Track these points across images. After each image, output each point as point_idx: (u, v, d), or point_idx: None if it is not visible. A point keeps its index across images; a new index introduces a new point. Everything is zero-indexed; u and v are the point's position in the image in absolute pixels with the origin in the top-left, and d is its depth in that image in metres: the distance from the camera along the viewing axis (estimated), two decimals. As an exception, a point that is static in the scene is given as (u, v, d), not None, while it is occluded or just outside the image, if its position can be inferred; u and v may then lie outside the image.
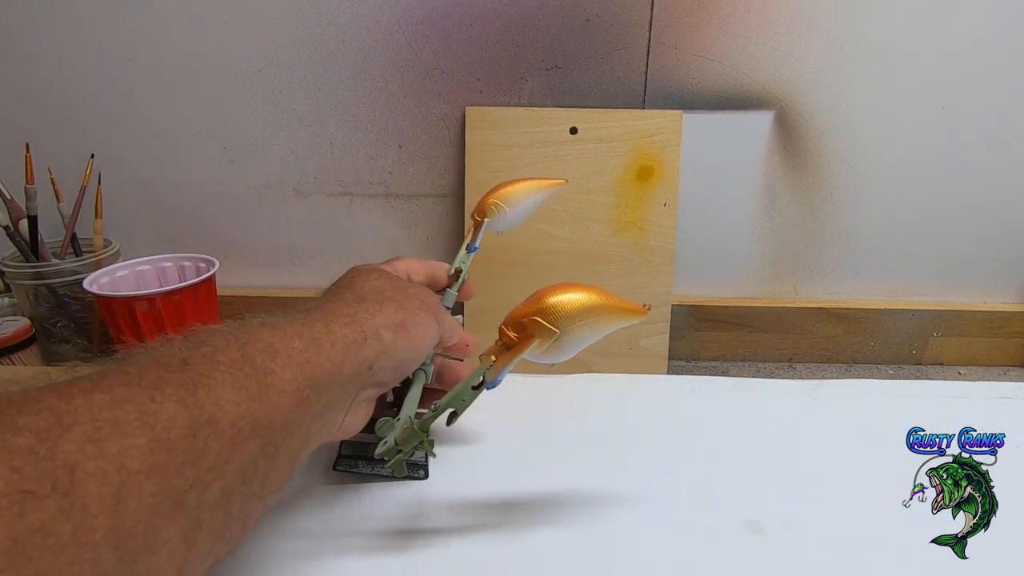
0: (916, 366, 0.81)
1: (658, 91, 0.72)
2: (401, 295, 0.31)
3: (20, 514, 0.15)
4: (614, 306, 0.30)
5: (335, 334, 0.27)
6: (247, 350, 0.23)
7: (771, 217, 0.77)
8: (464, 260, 0.41)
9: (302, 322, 0.27)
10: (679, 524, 0.32)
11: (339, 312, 0.28)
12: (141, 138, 0.75)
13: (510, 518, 0.33)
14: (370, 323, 0.28)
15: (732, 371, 0.80)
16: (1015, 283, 0.79)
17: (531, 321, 0.28)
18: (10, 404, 0.18)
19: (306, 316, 0.28)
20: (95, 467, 0.17)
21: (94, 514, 0.17)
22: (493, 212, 0.42)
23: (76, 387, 0.19)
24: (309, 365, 0.25)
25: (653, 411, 0.43)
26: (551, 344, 0.29)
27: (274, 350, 0.24)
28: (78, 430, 0.17)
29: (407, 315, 0.30)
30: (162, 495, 0.19)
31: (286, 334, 0.25)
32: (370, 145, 0.75)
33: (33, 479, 0.16)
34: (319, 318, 0.28)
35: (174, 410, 0.20)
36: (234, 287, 0.82)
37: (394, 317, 0.30)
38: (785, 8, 0.67)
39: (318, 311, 0.28)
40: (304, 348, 0.25)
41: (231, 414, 0.21)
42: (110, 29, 0.70)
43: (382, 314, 0.29)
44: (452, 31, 0.70)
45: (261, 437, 0.22)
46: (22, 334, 0.68)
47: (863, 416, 0.42)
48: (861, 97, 0.71)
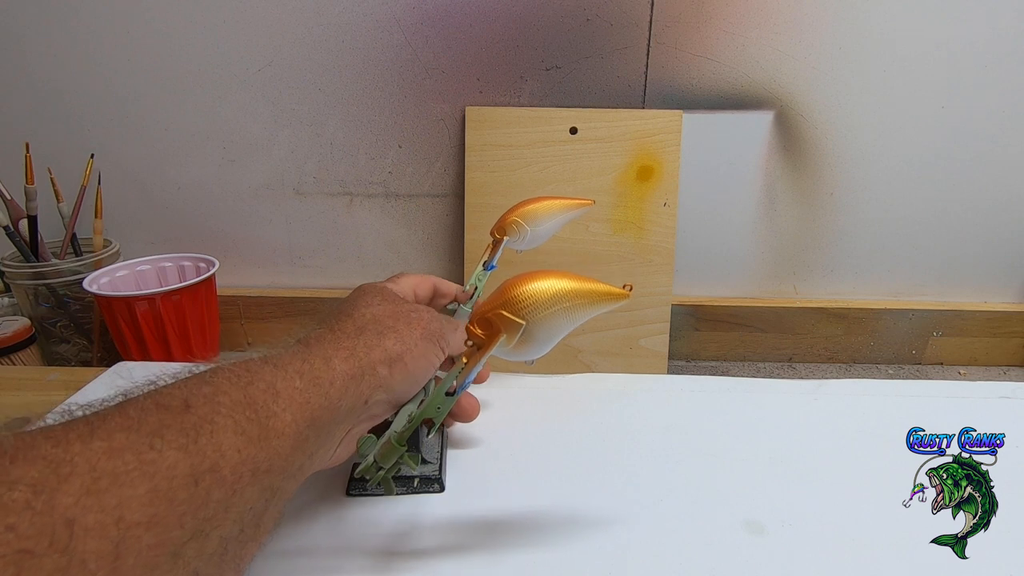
0: (916, 366, 0.81)
1: (658, 91, 0.72)
2: (402, 323, 0.31)
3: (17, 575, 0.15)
4: (589, 290, 0.27)
5: (334, 371, 0.27)
6: (250, 390, 0.23)
7: (771, 217, 0.77)
8: (480, 277, 0.40)
9: (303, 358, 0.26)
10: (679, 524, 0.32)
11: (339, 345, 0.28)
12: (141, 138, 0.75)
13: (510, 518, 0.33)
14: (368, 357, 0.28)
15: (732, 371, 0.80)
16: (1015, 283, 0.79)
17: (496, 315, 0.26)
18: (3, 453, 0.17)
19: (307, 351, 0.27)
20: (94, 521, 0.17)
21: (92, 571, 0.16)
22: (514, 231, 0.40)
23: (73, 433, 0.18)
24: (309, 406, 0.25)
25: (653, 411, 0.43)
26: (520, 337, 0.26)
27: (276, 390, 0.24)
28: (76, 481, 0.17)
29: (405, 348, 0.30)
30: (161, 547, 0.18)
31: (287, 373, 0.25)
32: (370, 145, 0.75)
33: (30, 536, 0.15)
34: (319, 353, 0.27)
35: (175, 458, 0.19)
36: (234, 287, 0.82)
37: (392, 350, 0.29)
38: (785, 8, 0.67)
39: (318, 344, 0.28)
40: (305, 388, 0.25)
41: (232, 460, 0.21)
42: (110, 30, 0.70)
43: (380, 347, 0.29)
44: (452, 31, 0.70)
45: (260, 482, 0.22)
46: (22, 334, 0.68)
47: (863, 416, 0.42)
48: (861, 97, 0.71)
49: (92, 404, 0.21)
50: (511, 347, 0.27)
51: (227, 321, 0.81)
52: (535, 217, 0.41)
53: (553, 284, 0.26)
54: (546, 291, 0.26)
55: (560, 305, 0.26)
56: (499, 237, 0.41)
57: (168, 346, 0.67)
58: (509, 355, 0.28)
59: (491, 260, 0.40)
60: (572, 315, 0.27)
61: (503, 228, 0.40)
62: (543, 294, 0.26)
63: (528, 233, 0.40)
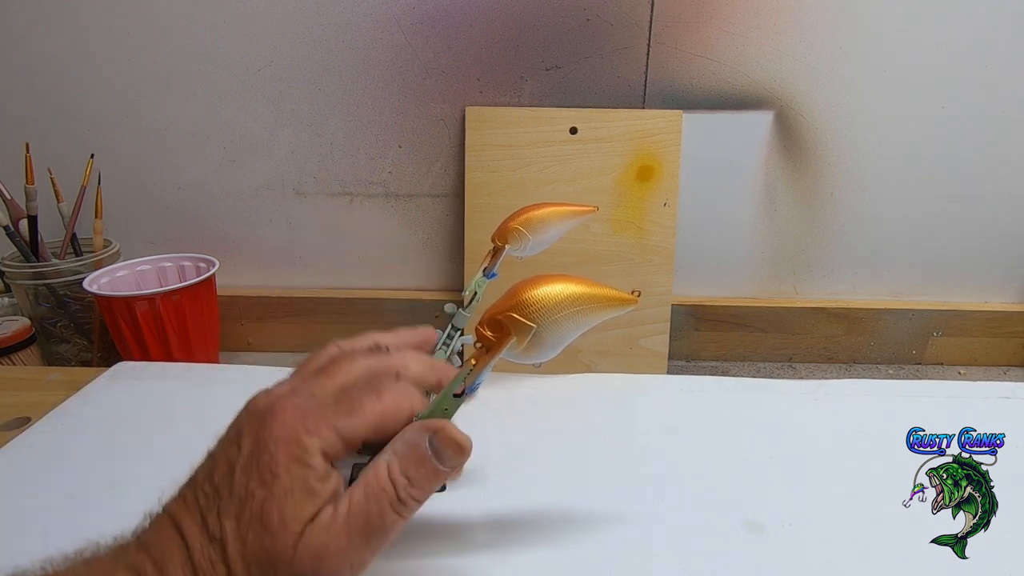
0: (916, 366, 0.81)
1: (658, 91, 0.72)
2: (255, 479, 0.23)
3: None
4: (598, 295, 0.27)
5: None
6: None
7: (771, 217, 0.77)
8: (480, 284, 0.39)
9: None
10: (679, 524, 0.32)
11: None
12: (141, 138, 0.75)
13: (510, 517, 0.33)
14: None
15: (732, 371, 0.80)
16: (1015, 283, 0.79)
17: (507, 317, 0.26)
18: None
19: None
20: None
21: None
22: (515, 239, 0.39)
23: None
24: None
25: (653, 411, 0.43)
26: (530, 340, 0.26)
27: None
28: None
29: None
30: None
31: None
32: (370, 145, 0.75)
33: None
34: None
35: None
36: (234, 287, 0.82)
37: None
38: (785, 8, 0.67)
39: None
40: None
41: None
42: (110, 29, 0.70)
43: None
44: (452, 31, 0.70)
45: None
46: (22, 334, 0.68)
47: (863, 416, 0.42)
48: (861, 97, 0.71)
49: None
50: (520, 350, 0.27)
51: (227, 321, 0.81)
52: (536, 225, 0.40)
53: (564, 288, 0.26)
54: (557, 295, 0.26)
55: (570, 309, 0.26)
56: (500, 244, 0.40)
57: (168, 346, 0.67)
58: (517, 358, 0.28)
59: (492, 268, 0.40)
60: (582, 320, 0.27)
61: (504, 235, 0.40)
62: (554, 298, 0.26)
63: (530, 241, 0.40)
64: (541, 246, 0.41)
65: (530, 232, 0.40)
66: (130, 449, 0.38)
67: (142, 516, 0.24)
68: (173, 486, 0.26)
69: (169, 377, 0.47)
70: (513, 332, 0.26)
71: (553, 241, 0.42)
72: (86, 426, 0.41)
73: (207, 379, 0.47)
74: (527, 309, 0.26)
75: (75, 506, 0.33)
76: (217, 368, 0.52)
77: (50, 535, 0.24)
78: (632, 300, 0.28)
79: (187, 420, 0.41)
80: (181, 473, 0.26)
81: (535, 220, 0.40)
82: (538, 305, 0.26)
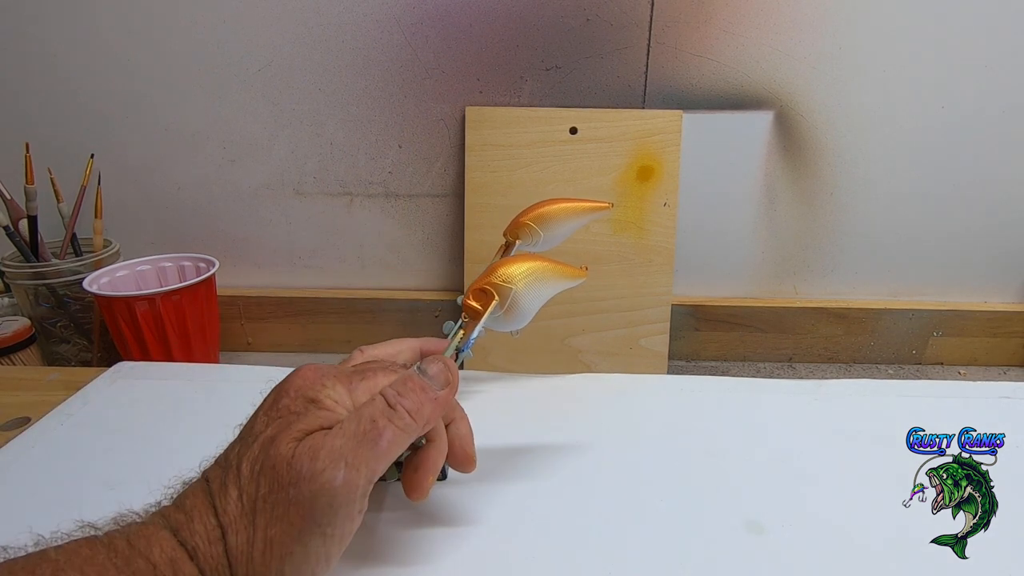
0: (916, 366, 0.81)
1: (658, 91, 0.72)
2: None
3: None
4: (557, 268, 0.34)
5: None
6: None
7: (771, 217, 0.77)
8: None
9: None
10: (679, 524, 0.32)
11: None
12: (141, 138, 0.75)
13: (510, 517, 0.33)
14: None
15: (732, 371, 0.80)
16: (1015, 283, 0.79)
17: (490, 283, 0.32)
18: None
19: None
20: None
21: None
22: (526, 234, 0.39)
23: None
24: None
25: (653, 411, 0.43)
26: (510, 303, 0.32)
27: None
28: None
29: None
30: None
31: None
32: (370, 145, 0.75)
33: None
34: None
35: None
36: (234, 287, 0.82)
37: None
38: (785, 8, 0.67)
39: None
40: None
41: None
42: (110, 29, 0.70)
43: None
44: (452, 31, 0.70)
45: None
46: (22, 334, 0.68)
47: (863, 416, 0.42)
48: (861, 97, 0.71)
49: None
50: (502, 312, 0.33)
51: (227, 321, 0.81)
52: (548, 221, 0.40)
53: (532, 262, 0.34)
54: (528, 266, 0.33)
55: (537, 275, 0.33)
56: (512, 240, 0.40)
57: (168, 346, 0.67)
58: (499, 324, 0.34)
59: None
60: (547, 284, 0.34)
61: (516, 231, 0.40)
62: (525, 269, 0.33)
63: (541, 237, 0.40)
64: (553, 242, 0.41)
65: (541, 228, 0.40)
66: (130, 449, 0.38)
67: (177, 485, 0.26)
68: (173, 486, 0.26)
69: (169, 377, 0.47)
70: (497, 295, 0.32)
71: (565, 237, 0.41)
72: (86, 426, 0.41)
73: (207, 379, 0.47)
74: (506, 277, 0.33)
75: (75, 506, 0.33)
76: (217, 368, 0.52)
77: (50, 535, 0.24)
78: (582, 273, 0.35)
79: (187, 420, 0.41)
80: (181, 472, 0.26)
81: (547, 216, 0.40)
82: (514, 273, 0.33)
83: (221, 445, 0.26)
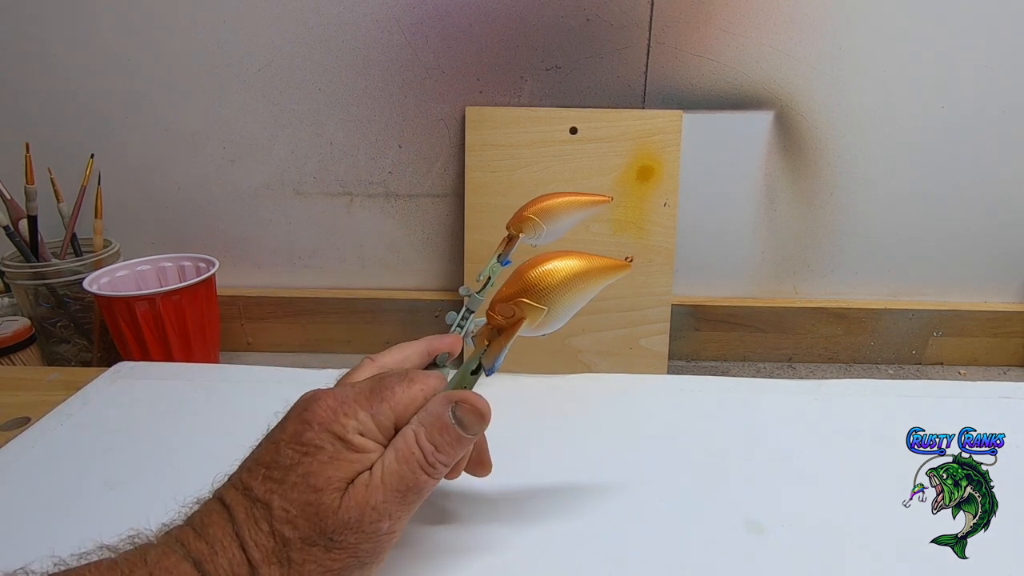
0: (916, 366, 0.81)
1: (658, 91, 0.72)
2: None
3: None
4: (598, 267, 0.30)
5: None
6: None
7: (771, 217, 0.77)
8: (494, 269, 0.41)
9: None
10: (679, 524, 0.32)
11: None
12: (141, 138, 0.75)
13: (510, 518, 0.33)
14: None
15: (732, 371, 0.80)
16: (1015, 283, 0.79)
17: (518, 303, 0.28)
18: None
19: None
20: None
21: None
22: (529, 228, 0.40)
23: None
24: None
25: (653, 411, 0.43)
26: (542, 320, 0.29)
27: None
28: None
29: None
30: None
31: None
32: (370, 145, 0.75)
33: None
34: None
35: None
36: (234, 287, 0.82)
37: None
38: (785, 8, 0.67)
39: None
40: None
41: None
42: (110, 29, 0.70)
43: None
44: (452, 31, 0.70)
45: None
46: (22, 334, 0.68)
47: (863, 416, 0.42)
48: (861, 97, 0.71)
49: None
50: (533, 328, 0.29)
51: (227, 321, 0.81)
52: (551, 214, 0.40)
53: (566, 266, 0.28)
54: (562, 275, 0.28)
55: (575, 285, 0.28)
56: (514, 233, 0.41)
57: (168, 346, 0.67)
58: (528, 332, 0.30)
59: (506, 255, 0.41)
60: (585, 292, 0.29)
61: (519, 224, 0.40)
62: (560, 278, 0.28)
63: (544, 230, 0.40)
64: (555, 235, 0.41)
65: (544, 221, 0.40)
66: (130, 449, 0.38)
67: (191, 503, 0.25)
68: (174, 485, 0.26)
69: (169, 377, 0.47)
70: (526, 315, 0.28)
71: (567, 230, 0.42)
72: (86, 426, 0.41)
73: (207, 379, 0.47)
74: (536, 293, 0.28)
75: (75, 506, 0.33)
76: (217, 368, 0.52)
77: (50, 535, 0.24)
78: (626, 266, 0.31)
79: (187, 420, 0.41)
80: (181, 472, 0.26)
81: (549, 209, 0.40)
82: (545, 287, 0.28)
83: (221, 445, 0.26)
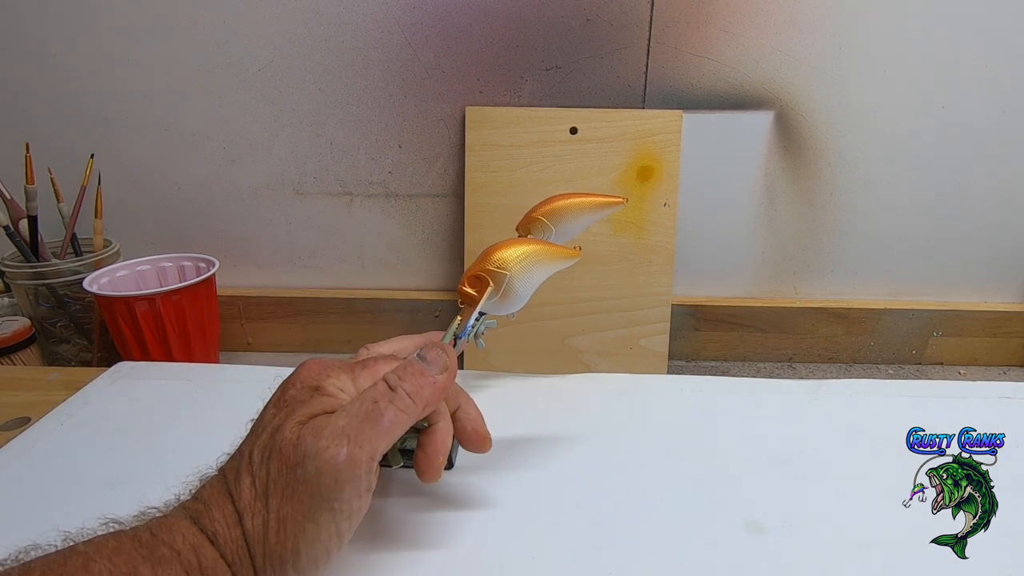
0: (916, 366, 0.81)
1: (658, 91, 0.72)
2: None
3: None
4: (550, 250, 0.35)
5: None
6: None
7: (771, 217, 0.77)
8: None
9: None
10: (679, 524, 0.32)
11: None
12: (141, 138, 0.75)
13: (510, 517, 0.33)
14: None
15: (732, 371, 0.80)
16: (1015, 283, 0.79)
17: (484, 270, 0.33)
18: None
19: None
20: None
21: None
22: (538, 229, 0.39)
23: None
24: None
25: (653, 411, 0.43)
26: (505, 287, 0.33)
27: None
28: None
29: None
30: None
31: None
32: (370, 145, 0.75)
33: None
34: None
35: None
36: (234, 287, 0.82)
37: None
38: (785, 8, 0.67)
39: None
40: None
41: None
42: (110, 29, 0.70)
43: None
44: (452, 31, 0.70)
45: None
46: (22, 334, 0.68)
47: (863, 416, 0.42)
48: (861, 97, 0.71)
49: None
50: (498, 298, 0.33)
51: (227, 321, 0.81)
52: (560, 216, 0.40)
53: (525, 246, 0.34)
54: (521, 250, 0.34)
55: (532, 259, 0.34)
56: (523, 234, 0.40)
57: (168, 346, 0.67)
58: (495, 308, 0.34)
59: None
60: (541, 267, 0.35)
61: (528, 226, 0.40)
62: (519, 252, 0.34)
63: (552, 232, 0.40)
64: (565, 237, 0.40)
65: (553, 223, 0.39)
66: (130, 449, 0.38)
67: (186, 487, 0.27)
68: (173, 485, 0.26)
69: (169, 377, 0.47)
70: (492, 281, 0.33)
71: (578, 232, 0.41)
72: (86, 426, 0.41)
73: (207, 379, 0.47)
74: (500, 262, 0.33)
75: (75, 506, 0.33)
76: (217, 368, 0.52)
77: (50, 535, 0.24)
78: (575, 253, 0.36)
79: (187, 420, 0.41)
80: (181, 472, 0.26)
81: (559, 211, 0.39)
82: (508, 258, 0.33)
83: (221, 445, 0.26)
